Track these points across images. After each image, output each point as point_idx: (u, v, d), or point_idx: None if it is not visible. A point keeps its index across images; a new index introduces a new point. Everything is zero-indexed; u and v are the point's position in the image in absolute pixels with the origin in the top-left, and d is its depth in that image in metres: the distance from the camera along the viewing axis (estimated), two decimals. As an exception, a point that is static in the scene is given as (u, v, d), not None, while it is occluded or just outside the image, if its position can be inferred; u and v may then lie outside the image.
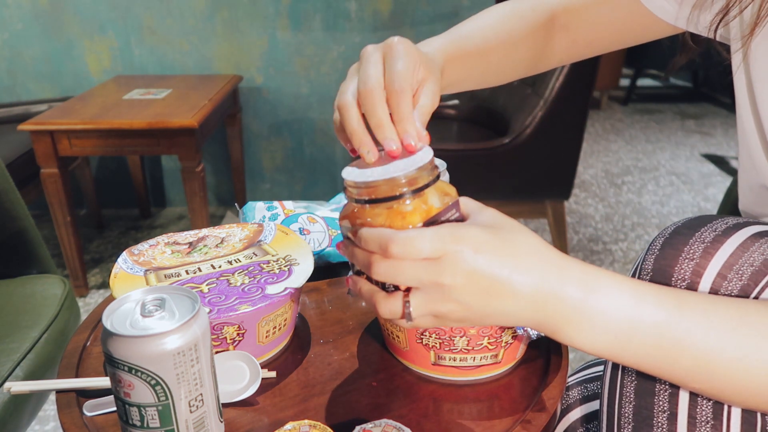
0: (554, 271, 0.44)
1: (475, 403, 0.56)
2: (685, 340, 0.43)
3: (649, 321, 0.43)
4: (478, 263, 0.43)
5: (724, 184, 2.98)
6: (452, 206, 0.48)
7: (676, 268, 0.48)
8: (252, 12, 2.37)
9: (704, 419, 0.47)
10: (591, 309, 0.44)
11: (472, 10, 2.39)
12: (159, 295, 0.47)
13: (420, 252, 0.43)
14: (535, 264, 0.44)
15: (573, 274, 0.45)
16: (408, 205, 0.46)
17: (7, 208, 1.08)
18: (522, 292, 0.44)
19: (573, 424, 0.64)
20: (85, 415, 0.55)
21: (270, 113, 2.54)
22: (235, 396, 0.55)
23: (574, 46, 0.76)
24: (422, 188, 0.46)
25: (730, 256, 0.47)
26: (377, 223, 0.46)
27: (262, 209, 0.81)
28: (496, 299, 0.44)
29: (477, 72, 0.69)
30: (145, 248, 0.68)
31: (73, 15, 2.33)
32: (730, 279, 0.46)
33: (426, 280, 0.43)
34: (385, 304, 0.46)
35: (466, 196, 0.51)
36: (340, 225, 0.50)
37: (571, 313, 0.44)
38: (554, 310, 0.44)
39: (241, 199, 2.60)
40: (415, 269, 0.43)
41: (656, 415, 0.48)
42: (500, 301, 0.44)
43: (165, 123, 1.78)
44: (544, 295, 0.44)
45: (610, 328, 0.44)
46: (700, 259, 0.47)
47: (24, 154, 1.88)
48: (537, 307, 0.44)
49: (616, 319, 0.44)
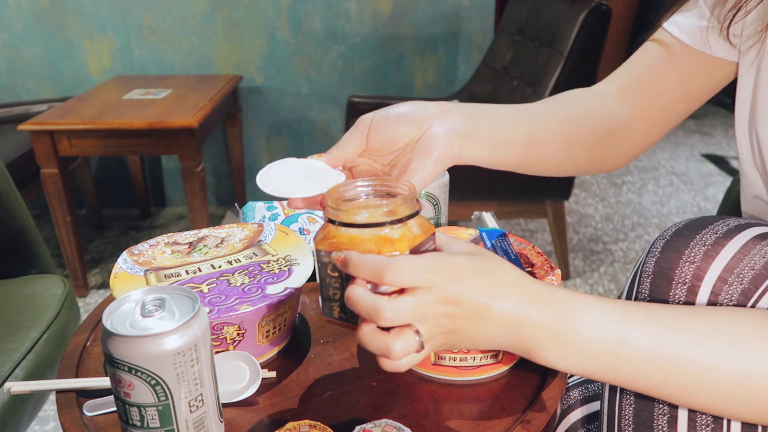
0: (528, 296, 0.46)
1: (475, 403, 0.56)
2: (652, 356, 0.44)
3: (612, 340, 0.45)
4: (465, 291, 0.45)
5: (724, 184, 2.98)
6: (431, 237, 0.50)
7: (677, 271, 0.48)
8: (252, 12, 2.37)
9: (704, 422, 0.46)
10: (563, 332, 0.45)
11: (471, 9, 2.39)
12: (159, 295, 0.47)
13: (413, 281, 0.44)
14: (511, 290, 0.46)
15: (545, 299, 0.46)
16: (396, 230, 0.47)
17: (7, 208, 1.08)
18: (500, 317, 0.45)
19: (574, 425, 0.64)
20: (85, 415, 0.55)
21: (270, 113, 2.54)
22: (235, 396, 0.55)
23: (646, 130, 0.71)
24: (411, 216, 0.48)
25: (731, 260, 0.47)
26: (365, 248, 0.47)
27: (262, 209, 0.81)
28: (481, 323, 0.46)
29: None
30: (145, 248, 0.68)
31: (73, 15, 2.33)
32: (731, 283, 0.46)
33: (422, 313, 0.45)
34: (398, 341, 0.45)
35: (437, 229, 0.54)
36: (316, 249, 0.50)
37: (544, 336, 0.46)
38: (528, 334, 0.46)
39: (241, 199, 2.60)
40: (412, 304, 0.44)
41: (656, 418, 0.48)
42: (483, 326, 0.46)
43: (165, 123, 1.78)
44: (518, 320, 0.45)
45: (584, 349, 0.45)
46: (701, 262, 0.47)
47: (24, 154, 1.88)
48: (512, 332, 0.46)
49: (589, 341, 0.45)
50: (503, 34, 2.25)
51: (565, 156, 0.67)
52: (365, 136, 0.57)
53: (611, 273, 2.16)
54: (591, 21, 1.76)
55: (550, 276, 0.62)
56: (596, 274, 2.15)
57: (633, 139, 0.71)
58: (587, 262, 2.23)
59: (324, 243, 0.49)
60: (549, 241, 2.35)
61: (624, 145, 0.71)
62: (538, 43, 2.02)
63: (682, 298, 0.48)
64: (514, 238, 0.71)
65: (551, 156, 0.66)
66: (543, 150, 0.65)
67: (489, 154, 0.60)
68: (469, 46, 2.47)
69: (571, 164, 0.69)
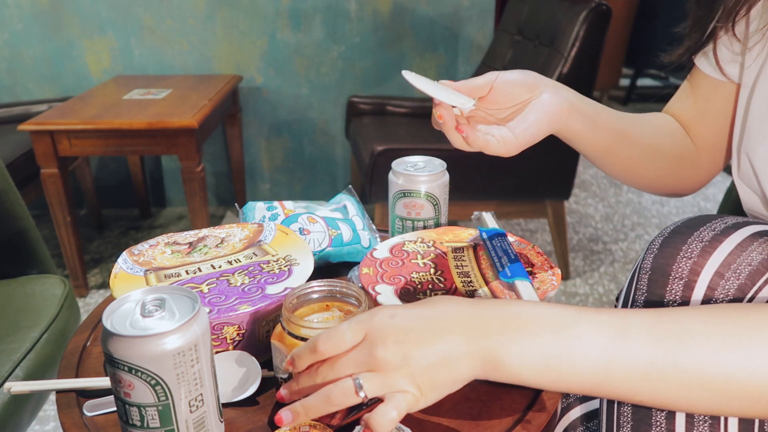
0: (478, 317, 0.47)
1: (475, 403, 0.56)
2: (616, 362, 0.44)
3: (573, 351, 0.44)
4: (398, 322, 0.46)
5: (724, 184, 2.98)
6: None
7: (674, 267, 0.48)
8: (252, 12, 2.37)
9: (702, 417, 0.47)
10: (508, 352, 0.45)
11: (471, 9, 2.39)
12: (159, 295, 0.47)
13: (344, 338, 0.46)
14: (457, 313, 0.47)
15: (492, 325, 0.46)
16: None
17: (7, 208, 1.08)
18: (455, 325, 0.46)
19: (573, 423, 0.64)
20: (85, 415, 0.55)
21: (270, 113, 2.54)
22: (235, 396, 0.55)
23: (710, 157, 0.73)
24: None
25: (728, 256, 0.47)
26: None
27: (262, 209, 0.81)
28: (430, 342, 0.46)
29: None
30: (145, 248, 0.68)
31: (73, 15, 2.33)
32: (727, 278, 0.47)
33: (363, 361, 0.46)
34: (334, 388, 0.46)
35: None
36: (271, 340, 0.55)
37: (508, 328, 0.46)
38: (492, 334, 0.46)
39: (241, 199, 2.60)
40: (351, 358, 0.46)
41: (654, 414, 0.48)
42: (436, 342, 0.46)
43: (165, 123, 1.78)
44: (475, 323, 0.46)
45: (535, 358, 0.45)
46: (698, 257, 0.48)
47: (24, 154, 1.88)
48: (472, 337, 0.46)
49: (540, 353, 0.45)
50: (503, 34, 2.25)
51: (645, 164, 0.70)
52: (489, 86, 0.61)
53: (611, 273, 2.16)
54: (591, 21, 1.76)
55: (550, 276, 0.62)
56: (596, 274, 2.15)
57: (701, 164, 0.73)
58: (587, 262, 2.23)
59: (276, 338, 0.54)
60: (549, 241, 2.35)
61: (694, 169, 0.73)
62: (538, 43, 2.02)
63: (678, 293, 0.48)
64: (514, 238, 0.71)
65: (633, 157, 0.69)
66: (629, 148, 0.68)
67: (587, 131, 0.64)
68: (469, 46, 2.47)
69: (651, 173, 0.72)
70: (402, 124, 2.21)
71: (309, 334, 0.50)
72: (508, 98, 0.62)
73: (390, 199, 0.78)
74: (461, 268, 0.64)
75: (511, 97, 0.62)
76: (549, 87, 0.62)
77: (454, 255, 0.67)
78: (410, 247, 0.69)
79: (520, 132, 0.59)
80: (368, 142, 1.91)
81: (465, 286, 0.60)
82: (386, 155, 1.82)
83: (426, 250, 0.68)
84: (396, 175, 0.76)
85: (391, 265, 0.65)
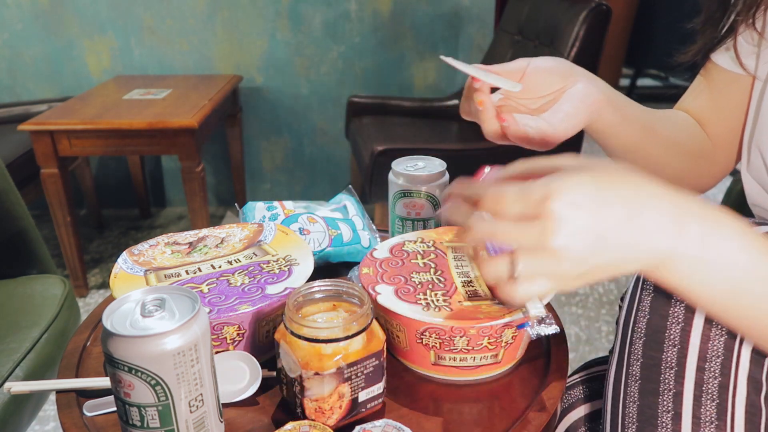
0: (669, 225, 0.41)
1: (475, 403, 0.56)
2: None
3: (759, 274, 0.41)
4: (579, 223, 0.39)
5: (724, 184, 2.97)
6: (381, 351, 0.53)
7: None
8: (252, 12, 2.37)
9: (708, 419, 0.46)
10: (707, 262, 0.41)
11: (471, 9, 2.39)
12: (159, 295, 0.47)
13: (507, 207, 0.41)
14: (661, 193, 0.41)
15: (690, 227, 0.41)
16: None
17: (7, 208, 1.08)
18: (633, 251, 0.41)
19: (575, 423, 0.64)
20: (85, 415, 0.55)
21: (270, 113, 2.54)
22: (235, 396, 0.55)
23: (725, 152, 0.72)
24: (359, 332, 0.51)
25: None
26: (314, 352, 0.50)
27: (262, 209, 0.80)
28: (606, 252, 0.40)
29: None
30: (145, 248, 0.68)
31: (73, 15, 2.33)
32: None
33: (526, 244, 0.40)
34: (488, 265, 0.42)
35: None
36: (275, 339, 0.53)
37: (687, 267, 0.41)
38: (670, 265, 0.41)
39: (241, 199, 2.60)
40: (513, 230, 0.41)
41: (660, 415, 0.48)
42: (609, 254, 0.40)
43: (165, 123, 1.78)
44: (658, 253, 0.41)
45: (723, 276, 0.41)
46: None
47: (24, 154, 1.88)
48: (650, 261, 0.41)
49: (726, 274, 0.41)
50: (503, 34, 2.25)
51: (668, 160, 0.69)
52: (522, 72, 0.60)
53: (611, 273, 2.15)
54: (591, 21, 1.76)
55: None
56: (596, 274, 2.14)
57: (717, 160, 0.72)
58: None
59: (279, 334, 0.53)
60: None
61: (712, 166, 0.72)
62: (538, 43, 2.02)
63: None
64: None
65: (658, 154, 0.68)
66: (654, 143, 0.67)
67: (617, 123, 0.62)
68: (469, 46, 2.47)
69: (672, 170, 0.70)
70: (402, 124, 2.21)
71: (312, 334, 0.50)
72: (542, 86, 0.60)
73: (390, 199, 0.78)
74: (461, 268, 0.64)
75: (545, 86, 0.60)
76: (583, 76, 0.60)
77: (454, 255, 0.67)
78: (410, 247, 0.69)
79: (558, 122, 0.57)
80: (368, 142, 1.91)
81: (465, 286, 0.60)
82: (386, 155, 1.82)
83: (426, 250, 0.68)
84: (396, 175, 0.76)
85: (391, 265, 0.65)
